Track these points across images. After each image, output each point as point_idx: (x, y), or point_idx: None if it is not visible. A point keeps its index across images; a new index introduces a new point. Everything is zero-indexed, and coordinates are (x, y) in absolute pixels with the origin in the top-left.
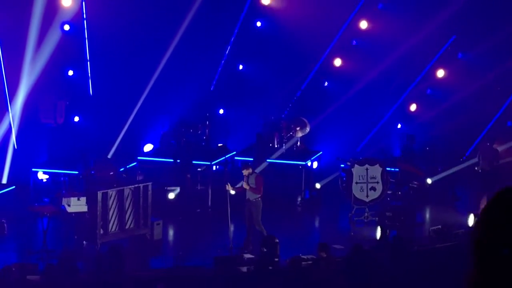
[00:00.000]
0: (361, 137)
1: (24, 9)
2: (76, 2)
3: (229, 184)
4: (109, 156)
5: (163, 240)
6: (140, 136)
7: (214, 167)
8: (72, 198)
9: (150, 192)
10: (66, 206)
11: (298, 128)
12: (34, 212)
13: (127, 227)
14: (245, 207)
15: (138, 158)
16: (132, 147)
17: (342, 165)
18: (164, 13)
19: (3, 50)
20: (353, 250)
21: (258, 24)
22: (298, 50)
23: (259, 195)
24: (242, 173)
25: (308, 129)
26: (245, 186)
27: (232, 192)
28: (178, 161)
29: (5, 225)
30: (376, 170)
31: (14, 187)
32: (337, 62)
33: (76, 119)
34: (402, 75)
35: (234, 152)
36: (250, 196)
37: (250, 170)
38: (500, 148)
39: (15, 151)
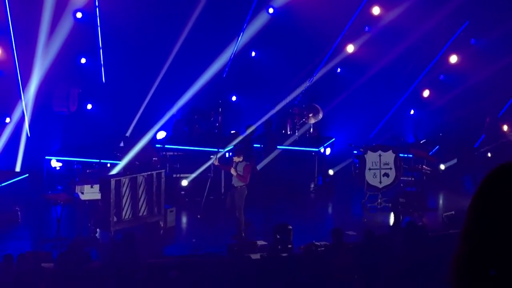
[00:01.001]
0: (374, 124)
1: None
2: None
3: (217, 157)
4: (121, 144)
5: (176, 227)
6: (152, 123)
7: (226, 154)
8: (85, 186)
9: (163, 179)
10: (80, 194)
11: (310, 115)
12: (48, 200)
13: (140, 214)
14: (228, 191)
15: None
16: (144, 134)
17: (355, 152)
18: (176, 0)
19: (15, 39)
20: (365, 236)
21: (271, 10)
22: (310, 37)
23: (244, 183)
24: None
25: (321, 115)
26: (232, 172)
27: (216, 163)
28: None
29: (19, 213)
30: (389, 156)
31: (27, 175)
32: (350, 48)
33: (89, 106)
34: (414, 61)
35: None
36: (235, 182)
37: (241, 159)
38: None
39: (28, 139)
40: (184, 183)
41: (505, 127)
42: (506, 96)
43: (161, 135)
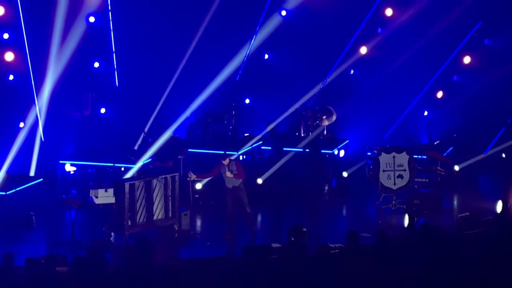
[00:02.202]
0: (387, 125)
1: (49, 1)
2: None
3: (191, 172)
4: (135, 148)
5: (191, 230)
6: (166, 126)
7: (240, 157)
8: (99, 190)
9: (177, 183)
10: (94, 198)
11: (324, 117)
12: (62, 204)
13: (154, 218)
14: (227, 195)
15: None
16: (158, 138)
17: (369, 153)
18: (189, 3)
19: (29, 43)
20: (378, 238)
21: (283, 13)
22: (323, 39)
23: (242, 179)
24: (222, 164)
25: (334, 117)
26: (228, 175)
27: (194, 178)
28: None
29: (34, 217)
30: (403, 158)
31: (41, 179)
32: (363, 50)
33: (103, 110)
34: (428, 62)
35: (261, 142)
36: (234, 183)
37: (228, 160)
38: None
39: (42, 143)
40: (198, 186)
41: None
42: None
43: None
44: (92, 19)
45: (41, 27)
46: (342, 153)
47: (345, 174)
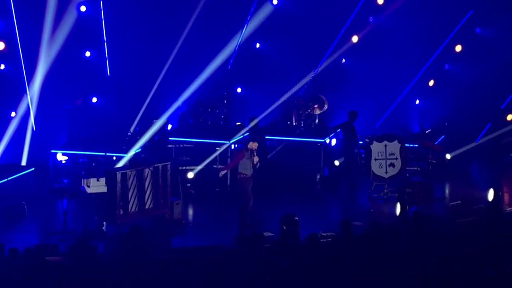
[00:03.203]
0: (379, 114)
1: None
2: None
3: (222, 172)
4: (129, 133)
5: (183, 219)
6: (158, 115)
7: (232, 146)
8: (91, 179)
9: (169, 172)
10: (86, 187)
11: (316, 106)
12: (54, 193)
13: (146, 207)
14: (247, 185)
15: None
16: (150, 127)
17: (361, 142)
18: None
19: (20, 32)
20: (371, 226)
21: (275, 1)
22: (315, 28)
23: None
24: (250, 147)
25: (326, 106)
26: (256, 160)
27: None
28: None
29: (25, 206)
30: (394, 147)
31: (33, 169)
32: (354, 39)
33: (94, 100)
34: (419, 51)
35: None
36: (253, 169)
37: (256, 144)
38: None
39: (34, 133)
40: (190, 175)
41: (510, 116)
42: (511, 86)
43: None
44: (83, 8)
45: (32, 16)
46: (333, 142)
47: (336, 163)
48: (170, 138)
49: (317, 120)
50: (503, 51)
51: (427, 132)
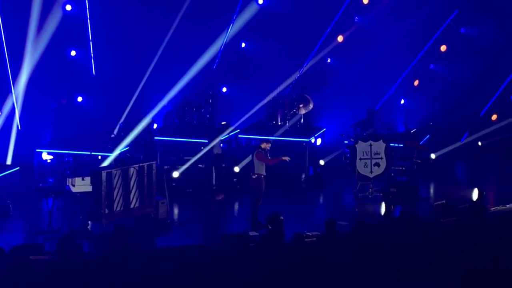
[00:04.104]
0: (364, 114)
1: None
2: None
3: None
4: (113, 135)
5: (168, 218)
6: (143, 115)
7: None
8: (76, 178)
9: (154, 171)
10: (71, 186)
11: (301, 105)
12: (39, 192)
13: (132, 206)
14: (262, 184)
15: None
16: (135, 126)
17: (346, 142)
18: None
19: (5, 31)
20: (355, 226)
21: (260, 1)
22: (300, 27)
23: None
24: (264, 147)
25: (311, 106)
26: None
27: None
28: None
29: (10, 206)
30: (379, 146)
31: (18, 168)
32: (340, 38)
33: (79, 99)
34: (404, 51)
35: (238, 130)
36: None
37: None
38: None
39: (19, 132)
40: (175, 174)
41: (494, 117)
42: (496, 84)
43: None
44: (68, 7)
45: (17, 15)
46: (319, 141)
47: (322, 162)
48: (155, 137)
49: (302, 120)
50: (488, 51)
51: (412, 131)
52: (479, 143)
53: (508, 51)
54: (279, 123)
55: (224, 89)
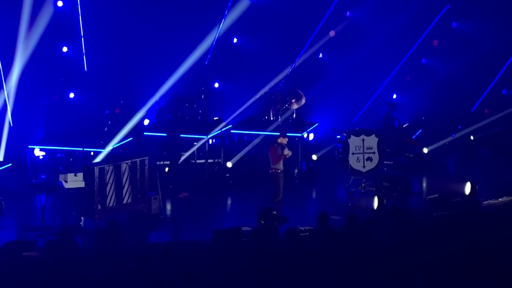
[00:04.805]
0: (357, 108)
1: None
2: None
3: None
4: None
5: (161, 214)
6: (135, 111)
7: (210, 141)
8: (69, 174)
9: (147, 167)
10: (63, 182)
11: (293, 100)
12: (31, 189)
13: (124, 202)
14: (281, 179)
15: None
16: (127, 121)
17: (338, 136)
18: None
19: None
20: (347, 220)
21: None
22: (292, 22)
23: None
24: (281, 142)
25: (303, 101)
26: (288, 152)
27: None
28: None
29: (3, 202)
30: (372, 141)
31: (10, 164)
32: (332, 33)
33: (71, 95)
34: (396, 46)
35: (230, 126)
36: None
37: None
38: None
39: (10, 128)
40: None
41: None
42: (488, 78)
43: (144, 122)
44: (60, 3)
45: (8, 11)
46: (311, 136)
47: (314, 157)
48: (146, 133)
49: (294, 115)
50: (480, 46)
51: (404, 126)
52: (471, 137)
53: (499, 45)
54: (272, 118)
55: (216, 85)
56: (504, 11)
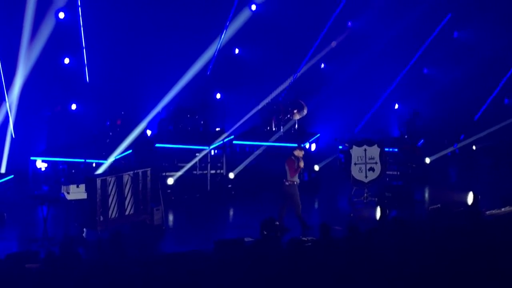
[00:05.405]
0: (358, 118)
1: None
2: None
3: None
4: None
5: (163, 225)
6: (137, 122)
7: (212, 152)
8: (71, 186)
9: (149, 178)
10: (66, 194)
11: (295, 111)
12: (34, 200)
13: (127, 213)
14: (296, 192)
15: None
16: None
17: (340, 147)
18: None
19: None
20: (349, 230)
21: (253, 7)
22: (293, 33)
23: None
24: (297, 155)
25: (305, 111)
26: (302, 165)
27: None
28: None
29: (5, 214)
30: (374, 151)
31: (12, 176)
32: (333, 43)
33: (73, 107)
34: (398, 55)
35: (232, 136)
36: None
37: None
38: None
39: (13, 140)
40: (170, 181)
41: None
42: (490, 88)
43: (147, 133)
44: (61, 14)
45: (10, 23)
46: (313, 146)
47: (316, 167)
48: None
49: (296, 125)
50: (482, 55)
51: (406, 136)
52: (473, 147)
53: (501, 55)
54: (274, 129)
55: (218, 95)
56: (506, 20)
